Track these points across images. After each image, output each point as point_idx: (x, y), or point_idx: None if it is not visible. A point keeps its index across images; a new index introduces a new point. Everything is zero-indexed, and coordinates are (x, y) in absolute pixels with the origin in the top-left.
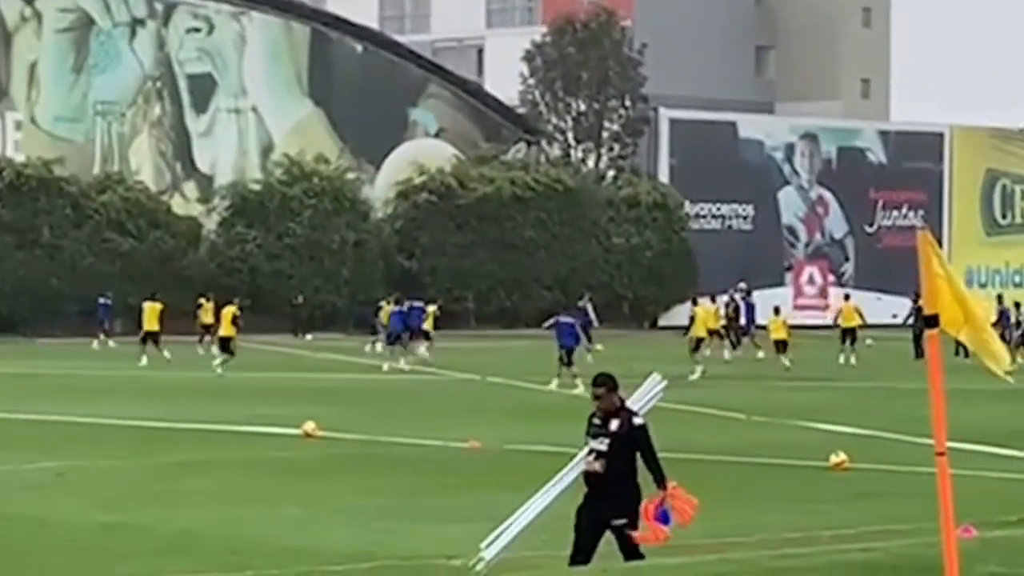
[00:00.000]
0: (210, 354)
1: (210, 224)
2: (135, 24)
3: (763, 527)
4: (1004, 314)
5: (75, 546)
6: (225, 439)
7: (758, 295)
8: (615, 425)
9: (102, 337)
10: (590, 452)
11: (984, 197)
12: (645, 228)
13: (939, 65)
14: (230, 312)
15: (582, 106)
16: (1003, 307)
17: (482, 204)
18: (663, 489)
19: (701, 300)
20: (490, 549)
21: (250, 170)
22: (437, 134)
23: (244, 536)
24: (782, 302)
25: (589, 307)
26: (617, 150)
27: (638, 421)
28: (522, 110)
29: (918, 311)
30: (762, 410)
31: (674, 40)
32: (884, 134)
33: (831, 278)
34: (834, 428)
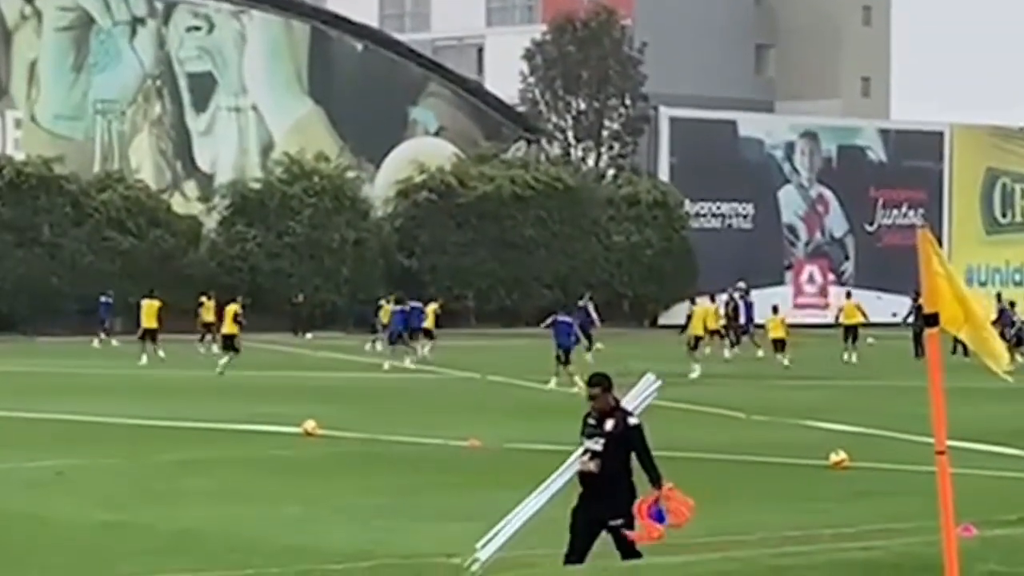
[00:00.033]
0: (211, 353)
1: (210, 223)
2: (135, 23)
3: (763, 526)
4: (1004, 312)
5: (75, 545)
6: (225, 438)
7: (758, 294)
8: (610, 425)
9: (103, 336)
10: (585, 452)
11: (984, 196)
12: (645, 227)
13: (939, 65)
14: (232, 310)
15: (582, 105)
16: (1003, 305)
17: (482, 203)
18: (658, 488)
19: (700, 299)
20: (485, 549)
21: (250, 169)
22: (437, 133)
23: (244, 534)
24: (782, 301)
25: (590, 306)
26: (617, 149)
27: (633, 421)
28: (522, 109)
29: (918, 310)
30: (762, 409)
31: (674, 39)
32: (884, 133)
33: (831, 277)
34: (834, 427)
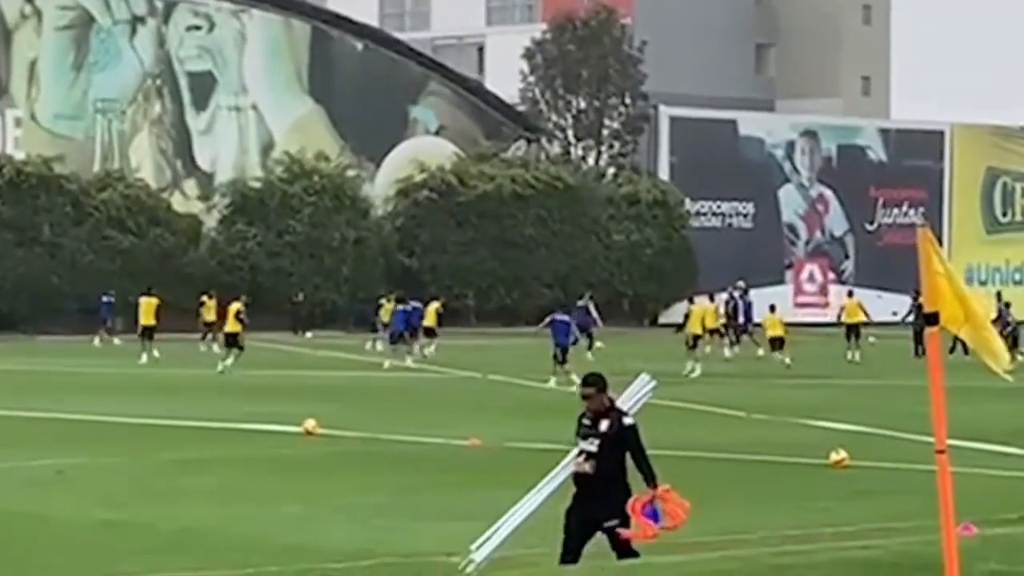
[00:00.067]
0: (212, 352)
1: (210, 222)
2: (135, 22)
3: (764, 524)
4: (1002, 312)
5: (75, 544)
6: (226, 437)
7: (759, 293)
8: (605, 426)
9: (105, 335)
10: (580, 453)
11: (984, 195)
12: (645, 226)
13: (939, 65)
14: (235, 308)
15: (582, 104)
16: (1001, 305)
17: (482, 202)
18: (653, 488)
19: (698, 299)
20: (480, 551)
21: (250, 168)
22: (437, 132)
23: (244, 533)
24: (783, 300)
25: (591, 305)
26: (617, 148)
27: (628, 421)
28: (522, 108)
29: (918, 309)
30: (762, 408)
31: (674, 38)
32: (884, 132)
33: (831, 276)
34: (834, 426)
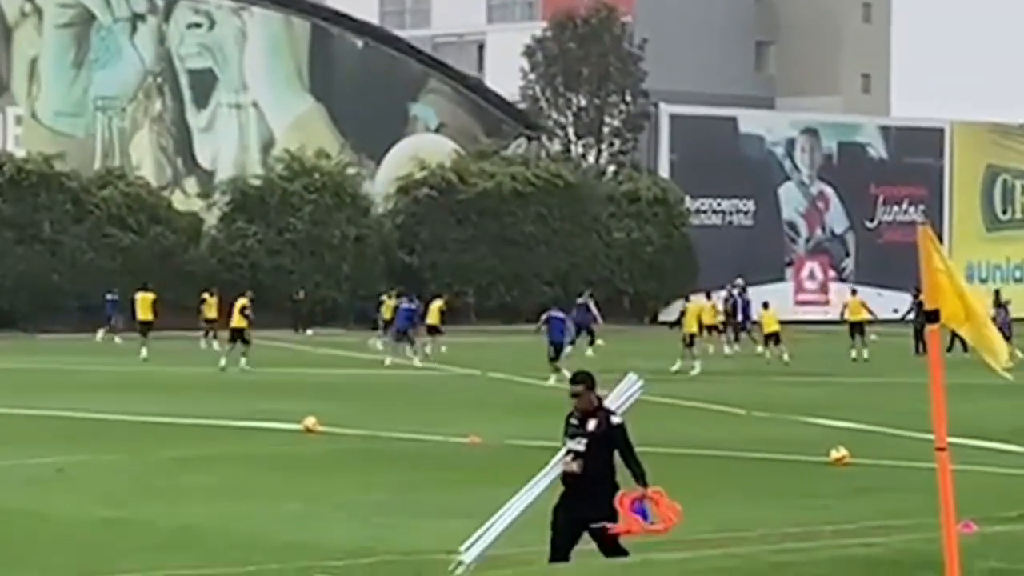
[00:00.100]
0: (213, 349)
1: (211, 219)
2: (136, 19)
3: (764, 522)
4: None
5: (76, 541)
6: (226, 434)
7: (759, 290)
8: (592, 425)
9: (106, 332)
10: (568, 452)
11: (984, 192)
12: (645, 223)
13: (938, 63)
14: (240, 304)
15: (582, 101)
16: (1001, 303)
17: (482, 199)
18: (643, 486)
19: (695, 297)
20: (470, 552)
21: (251, 165)
22: (437, 129)
23: (245, 531)
24: (783, 297)
25: (591, 303)
26: (617, 145)
27: (616, 420)
28: (523, 105)
29: (919, 306)
30: (762, 405)
31: (674, 35)
32: (885, 129)
33: (832, 273)
34: (834, 423)
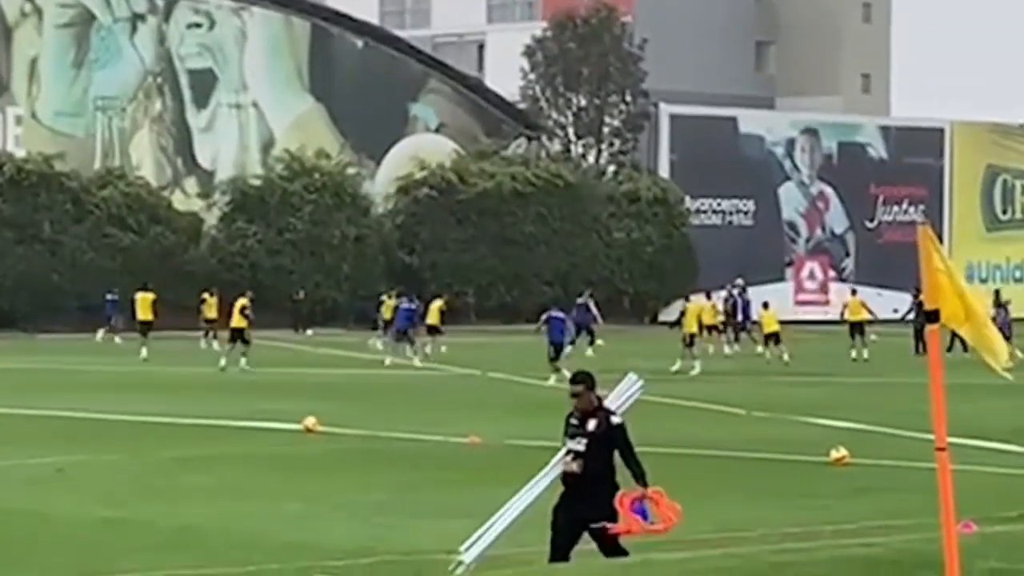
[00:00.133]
0: (213, 349)
1: (211, 219)
2: (136, 19)
3: (764, 522)
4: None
5: (76, 541)
6: (226, 434)
7: (759, 290)
8: (592, 425)
9: (106, 332)
10: (568, 452)
11: (984, 192)
12: (645, 223)
13: (938, 63)
14: (241, 304)
15: (582, 101)
16: (1001, 303)
17: (482, 199)
18: (643, 486)
19: (695, 297)
20: (469, 552)
21: (251, 165)
22: (437, 129)
23: (245, 531)
24: (783, 297)
25: (591, 303)
26: (617, 145)
27: (616, 420)
28: (523, 105)
29: (919, 306)
30: (762, 405)
31: (674, 36)
32: (885, 129)
33: (832, 273)
34: (834, 423)
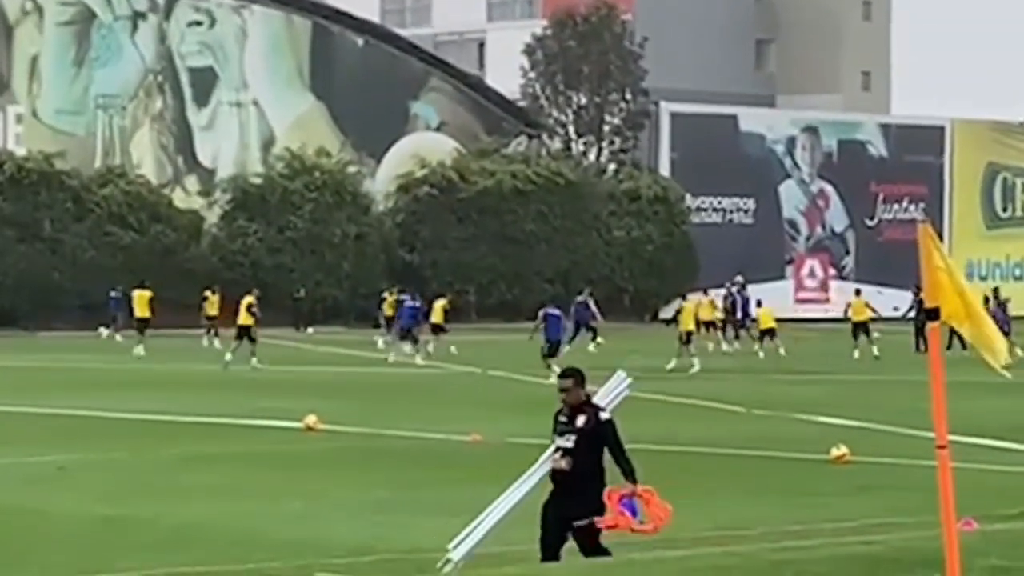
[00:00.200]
0: (214, 347)
1: (211, 218)
2: (136, 17)
3: (764, 520)
4: (1001, 307)
5: (76, 539)
6: (226, 433)
7: (759, 288)
8: (582, 421)
9: (112, 329)
10: (557, 450)
11: (985, 190)
12: (646, 221)
13: (939, 62)
14: (247, 301)
15: (583, 100)
16: (1000, 300)
17: (483, 197)
18: (632, 483)
19: (693, 296)
20: (458, 550)
21: (251, 164)
22: (438, 127)
23: (245, 529)
24: (783, 295)
25: (590, 301)
26: (618, 144)
27: (605, 416)
28: (523, 104)
29: (919, 304)
30: (762, 403)
31: (675, 34)
32: (885, 127)
33: (832, 271)
34: (835, 421)
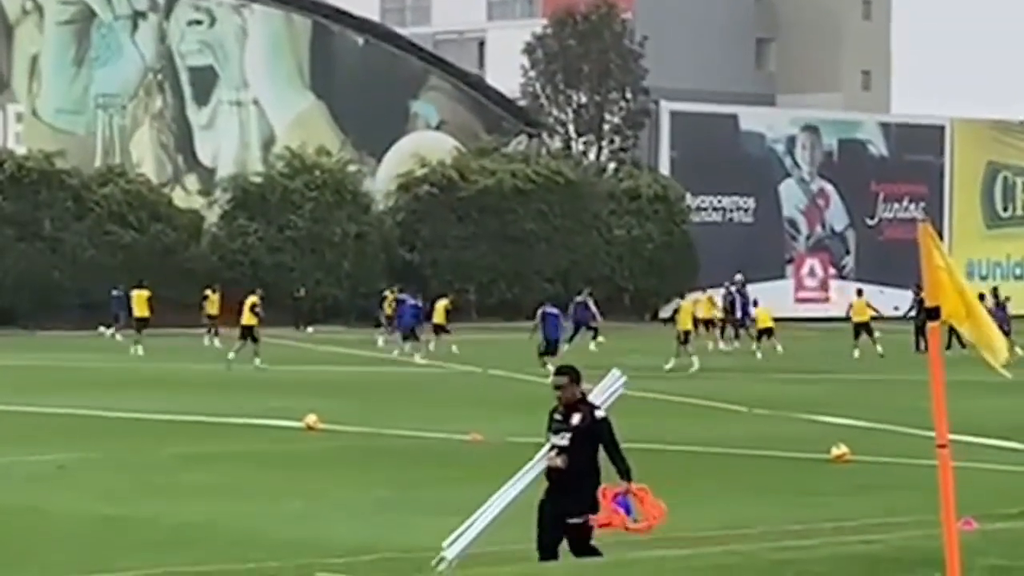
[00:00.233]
0: (215, 346)
1: (212, 217)
2: (136, 16)
3: (764, 519)
4: (1000, 306)
5: (76, 539)
6: (226, 432)
7: (759, 288)
8: (577, 419)
9: (116, 329)
10: (552, 448)
11: (985, 190)
12: (646, 220)
13: (939, 61)
14: (251, 301)
15: (583, 98)
16: (999, 299)
17: (483, 196)
18: (627, 482)
19: (691, 295)
20: (452, 548)
21: (251, 163)
22: (438, 126)
23: (245, 529)
24: (783, 295)
25: (590, 301)
26: (618, 143)
27: (600, 414)
28: (523, 102)
29: (920, 303)
30: (763, 402)
31: (675, 33)
32: (885, 126)
33: (832, 271)
34: (835, 420)
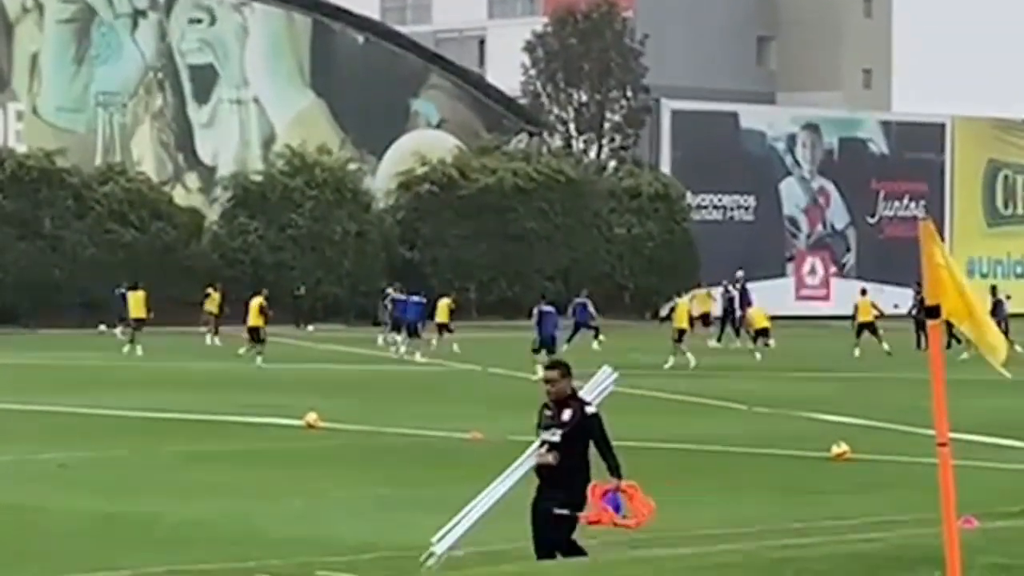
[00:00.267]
0: (215, 345)
1: (212, 215)
2: (137, 15)
3: (764, 517)
4: (999, 305)
5: (76, 537)
6: (227, 430)
7: (760, 286)
8: (567, 415)
9: (124, 327)
10: (542, 444)
11: (986, 188)
12: (647, 219)
13: (940, 59)
14: (258, 302)
15: (584, 97)
16: (997, 298)
17: (484, 195)
18: (617, 479)
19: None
20: (441, 544)
21: (252, 161)
22: (439, 125)
23: (246, 527)
24: (784, 293)
25: (588, 302)
26: (619, 141)
27: (591, 410)
28: (524, 101)
29: (921, 302)
30: (763, 401)
31: (675, 31)
32: (886, 124)
33: (832, 269)
34: (836, 419)
